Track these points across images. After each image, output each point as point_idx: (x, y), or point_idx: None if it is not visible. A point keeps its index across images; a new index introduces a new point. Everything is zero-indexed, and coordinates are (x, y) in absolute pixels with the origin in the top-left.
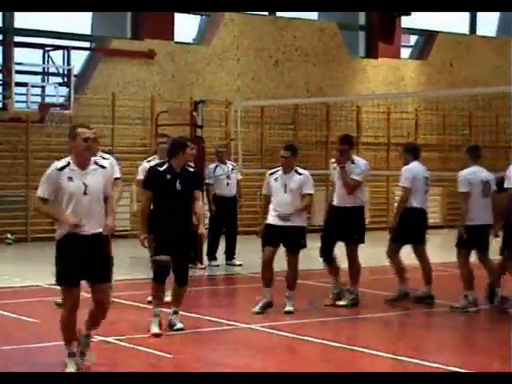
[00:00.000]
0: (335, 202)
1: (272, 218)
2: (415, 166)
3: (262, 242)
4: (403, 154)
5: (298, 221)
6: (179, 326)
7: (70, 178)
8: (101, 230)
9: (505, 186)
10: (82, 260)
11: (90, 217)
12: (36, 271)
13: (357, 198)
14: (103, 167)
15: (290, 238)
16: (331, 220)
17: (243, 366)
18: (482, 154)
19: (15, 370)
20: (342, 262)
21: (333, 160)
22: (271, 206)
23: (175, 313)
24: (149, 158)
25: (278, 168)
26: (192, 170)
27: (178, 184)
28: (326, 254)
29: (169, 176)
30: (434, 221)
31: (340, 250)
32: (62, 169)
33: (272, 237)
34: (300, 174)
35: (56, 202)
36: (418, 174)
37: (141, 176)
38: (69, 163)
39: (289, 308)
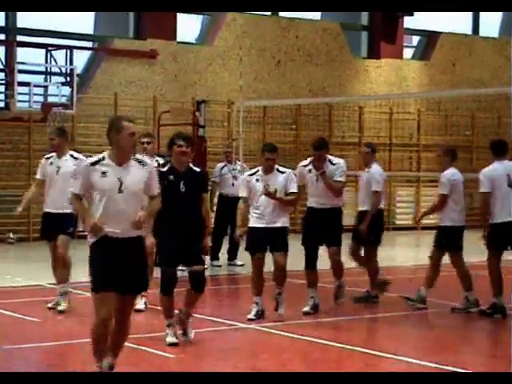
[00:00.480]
0: (314, 204)
1: (255, 220)
2: (379, 168)
3: (246, 249)
4: (371, 155)
5: (282, 221)
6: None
7: (104, 174)
8: (136, 234)
9: (480, 190)
10: (113, 267)
11: (123, 218)
12: (38, 271)
13: (339, 200)
14: (144, 164)
15: (275, 239)
16: (312, 222)
17: (245, 366)
18: (484, 154)
19: (15, 369)
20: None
21: (304, 163)
22: (252, 209)
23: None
24: None
25: (257, 168)
26: (198, 170)
27: (182, 185)
28: (312, 259)
29: (172, 177)
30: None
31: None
32: (94, 164)
33: (258, 242)
34: (283, 173)
35: (90, 201)
36: (384, 177)
37: None
38: (103, 158)
39: (281, 310)
